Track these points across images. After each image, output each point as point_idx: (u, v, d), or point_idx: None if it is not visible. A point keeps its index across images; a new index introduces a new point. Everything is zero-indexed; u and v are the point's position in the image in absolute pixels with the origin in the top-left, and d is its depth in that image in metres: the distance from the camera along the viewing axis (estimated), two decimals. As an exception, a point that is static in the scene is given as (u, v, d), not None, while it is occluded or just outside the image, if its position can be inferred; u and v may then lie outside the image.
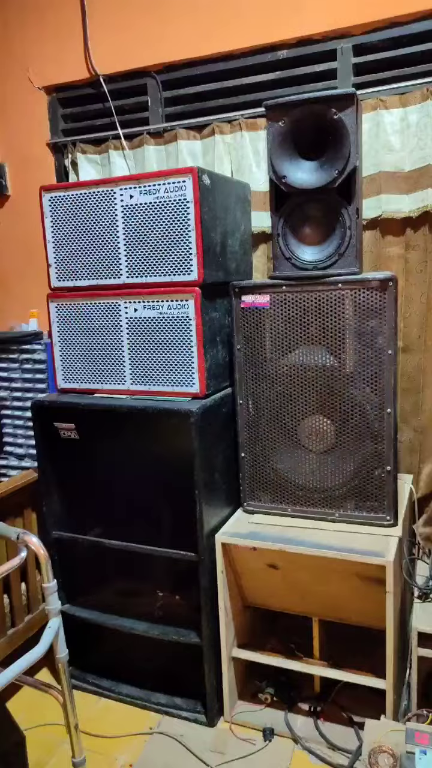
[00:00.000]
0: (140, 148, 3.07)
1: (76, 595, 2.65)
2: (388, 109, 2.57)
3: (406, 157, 2.57)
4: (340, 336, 2.16)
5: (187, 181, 2.15)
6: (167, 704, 2.51)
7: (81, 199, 2.35)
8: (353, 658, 2.30)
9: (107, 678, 2.65)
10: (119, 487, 2.46)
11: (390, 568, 2.01)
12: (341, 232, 2.12)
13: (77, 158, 3.24)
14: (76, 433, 2.47)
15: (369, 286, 2.09)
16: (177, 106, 3.06)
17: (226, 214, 2.37)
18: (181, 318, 2.24)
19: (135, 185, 2.24)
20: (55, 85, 3.28)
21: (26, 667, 1.74)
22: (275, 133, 2.12)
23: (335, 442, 2.24)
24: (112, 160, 3.14)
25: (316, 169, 2.10)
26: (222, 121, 2.89)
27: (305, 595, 2.30)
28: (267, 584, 2.37)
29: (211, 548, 2.29)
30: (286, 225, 2.18)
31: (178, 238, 2.19)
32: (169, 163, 3.03)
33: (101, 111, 3.20)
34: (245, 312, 2.28)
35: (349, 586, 2.18)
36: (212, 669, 2.37)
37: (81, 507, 2.56)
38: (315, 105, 2.05)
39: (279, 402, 2.29)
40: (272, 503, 2.39)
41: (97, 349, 2.43)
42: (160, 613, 2.52)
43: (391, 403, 2.14)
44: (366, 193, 2.60)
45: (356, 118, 2.04)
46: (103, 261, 2.36)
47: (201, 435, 2.19)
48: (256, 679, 2.52)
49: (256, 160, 2.83)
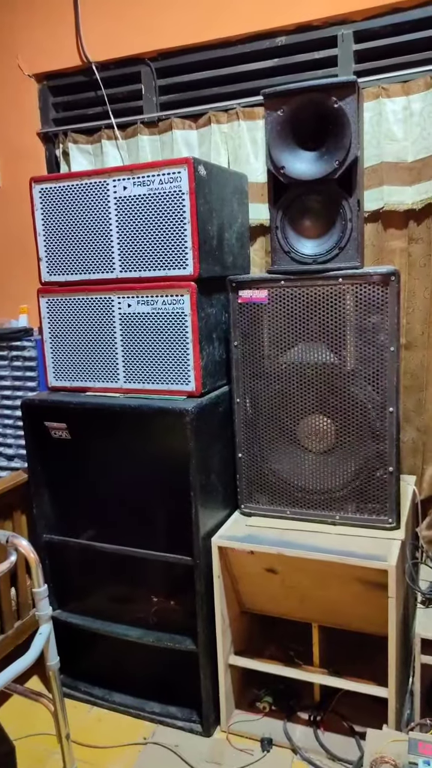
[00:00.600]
0: (134, 138, 3.06)
1: (67, 601, 2.65)
2: (391, 98, 2.56)
3: (409, 146, 2.57)
4: (340, 332, 2.15)
5: (182, 172, 2.14)
6: (162, 713, 2.51)
7: (73, 191, 2.34)
8: (354, 665, 2.30)
9: (100, 686, 2.65)
10: (112, 488, 2.46)
11: (392, 572, 2.00)
12: (342, 225, 2.12)
13: (69, 148, 3.23)
14: (67, 432, 2.46)
15: (370, 280, 2.08)
16: (172, 95, 3.06)
17: (223, 206, 2.37)
18: (176, 313, 2.24)
19: (128, 176, 2.23)
20: (46, 72, 3.28)
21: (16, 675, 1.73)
22: (273, 122, 2.11)
23: (335, 442, 2.24)
24: (104, 151, 3.13)
25: (316, 159, 2.10)
26: (218, 110, 2.89)
27: (304, 600, 2.30)
28: (265, 589, 2.37)
29: (207, 552, 2.28)
30: (285, 217, 2.18)
31: (173, 230, 2.19)
32: (164, 153, 3.02)
33: (94, 99, 3.20)
34: (242, 307, 2.28)
35: (349, 591, 2.18)
36: (208, 677, 2.37)
37: (73, 509, 2.55)
38: (314, 93, 2.04)
39: (277, 401, 2.29)
40: (270, 505, 2.38)
41: (89, 346, 2.42)
42: (155, 619, 2.52)
43: (393, 401, 2.14)
44: (367, 185, 2.60)
45: (357, 106, 2.03)
46: (95, 255, 2.35)
47: (197, 435, 2.19)
48: (254, 688, 2.52)
49: (253, 150, 2.83)
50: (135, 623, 2.52)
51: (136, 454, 2.39)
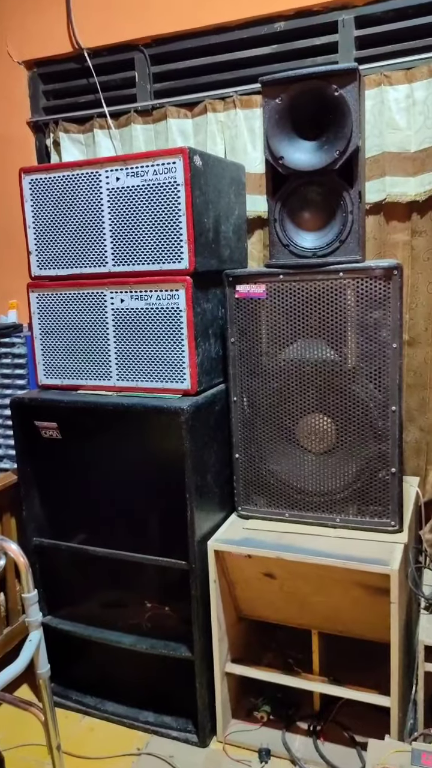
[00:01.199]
0: (127, 127, 3.06)
1: (58, 607, 2.65)
2: (393, 86, 2.56)
3: (412, 136, 2.57)
4: (341, 328, 2.15)
5: (177, 163, 2.14)
6: (156, 723, 2.50)
7: (64, 182, 2.34)
8: (355, 673, 2.30)
9: (92, 695, 2.64)
10: (105, 490, 2.45)
11: (395, 577, 2.00)
12: (342, 217, 2.12)
13: (60, 138, 3.22)
14: (58, 432, 2.46)
15: (372, 274, 2.08)
16: (166, 82, 3.05)
17: (220, 197, 2.36)
18: (171, 309, 2.23)
19: (121, 167, 2.23)
20: (36, 59, 3.26)
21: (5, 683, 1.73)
22: (272, 110, 2.11)
23: (336, 443, 2.23)
24: (97, 140, 3.12)
25: (316, 149, 2.10)
26: (215, 98, 2.88)
27: (304, 606, 2.30)
28: (263, 594, 2.36)
29: (203, 556, 2.28)
30: (284, 209, 2.18)
31: (168, 223, 2.19)
32: (158, 143, 3.02)
33: (85, 87, 3.19)
34: (240, 303, 2.28)
35: (350, 597, 2.18)
36: (204, 685, 2.37)
37: (64, 512, 2.55)
38: (314, 81, 2.04)
39: (276, 399, 2.29)
40: (268, 508, 2.38)
41: (81, 343, 2.42)
42: (149, 625, 2.51)
43: (395, 400, 2.13)
44: (369, 176, 2.59)
45: (358, 94, 2.03)
46: (87, 248, 2.35)
47: (192, 434, 2.18)
48: (252, 696, 2.52)
49: (251, 139, 2.82)
50: (128, 630, 2.52)
51: (129, 454, 2.39)
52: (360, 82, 2.05)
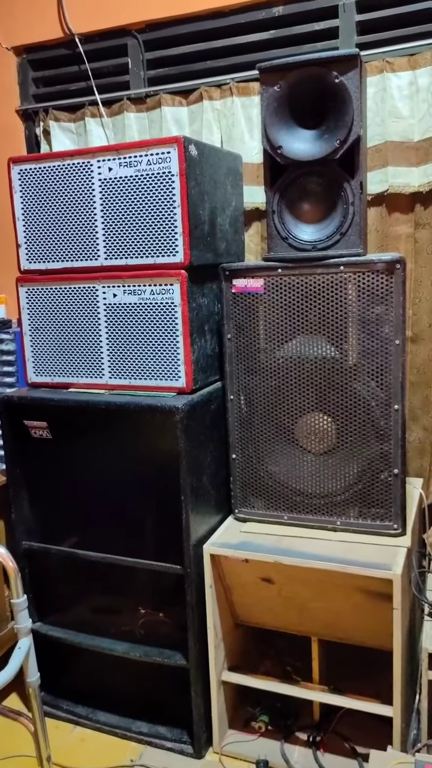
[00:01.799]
0: (120, 116, 3.06)
1: (48, 613, 2.64)
2: (396, 72, 2.56)
3: (415, 125, 2.57)
4: (342, 324, 2.15)
5: (171, 152, 2.14)
6: (150, 733, 2.50)
7: (54, 172, 2.33)
8: (356, 682, 2.30)
9: (83, 704, 2.64)
10: (97, 492, 2.45)
11: (397, 582, 2.00)
12: (343, 209, 2.11)
13: (50, 126, 3.22)
14: (48, 432, 2.46)
15: (374, 268, 2.08)
16: (161, 69, 3.05)
17: (216, 188, 2.36)
18: (166, 304, 2.23)
19: (114, 156, 2.22)
20: (26, 45, 3.26)
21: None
22: (270, 98, 2.10)
23: (336, 443, 2.23)
24: (88, 129, 3.13)
25: (316, 138, 2.09)
26: (211, 86, 2.88)
27: (303, 612, 2.30)
28: (261, 600, 2.36)
29: (198, 560, 2.28)
30: (282, 201, 2.17)
31: (162, 215, 2.18)
32: (152, 131, 3.02)
33: (77, 74, 3.19)
34: (237, 297, 2.27)
35: (351, 603, 2.18)
36: (200, 694, 2.36)
37: (54, 514, 2.55)
38: (314, 67, 2.03)
39: (274, 398, 2.28)
40: (266, 510, 2.38)
41: (71, 339, 2.42)
42: (142, 632, 2.51)
43: (398, 398, 2.13)
44: (371, 166, 2.59)
45: (360, 81, 2.02)
46: (78, 241, 2.34)
47: (187, 434, 2.18)
48: (249, 706, 2.51)
49: (248, 128, 2.82)
50: (121, 637, 2.51)
51: (122, 455, 2.38)
52: (361, 69, 2.04)
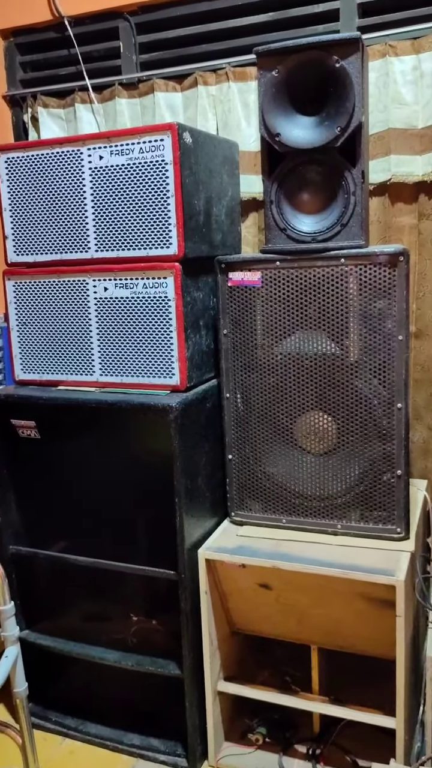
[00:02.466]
0: (111, 102, 3.05)
1: (36, 620, 2.64)
2: (399, 56, 2.56)
3: (419, 111, 2.57)
4: (342, 319, 2.15)
5: (165, 140, 2.14)
6: (142, 746, 2.50)
7: (43, 161, 2.33)
8: (358, 692, 2.30)
9: (73, 715, 2.64)
10: (87, 494, 2.45)
11: (401, 588, 2.00)
12: (344, 199, 2.11)
13: (38, 113, 3.22)
14: (36, 432, 2.45)
15: (376, 261, 2.08)
16: (154, 53, 3.04)
17: (211, 177, 2.36)
18: (159, 298, 2.23)
19: (105, 144, 2.22)
20: (13, 28, 3.25)
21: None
22: (268, 83, 2.10)
23: (337, 443, 2.23)
24: (78, 116, 3.12)
25: (316, 125, 2.09)
26: (206, 70, 2.88)
27: (302, 619, 2.30)
28: (258, 607, 2.36)
29: (193, 565, 2.28)
30: (281, 190, 2.17)
31: (155, 205, 2.18)
32: (145, 118, 3.01)
33: (66, 58, 3.18)
34: (233, 291, 2.27)
35: (353, 610, 2.18)
36: (195, 705, 2.36)
37: (43, 518, 2.54)
38: (314, 51, 2.03)
39: (272, 396, 2.28)
40: (264, 513, 2.38)
41: (61, 335, 2.42)
42: (134, 640, 2.51)
43: (401, 396, 2.13)
44: (373, 154, 2.59)
45: (362, 66, 2.02)
46: (68, 232, 2.34)
47: (181, 434, 2.18)
48: (246, 717, 2.51)
49: (245, 115, 2.82)
50: (112, 645, 2.51)
51: (113, 455, 2.38)
52: (363, 53, 2.04)
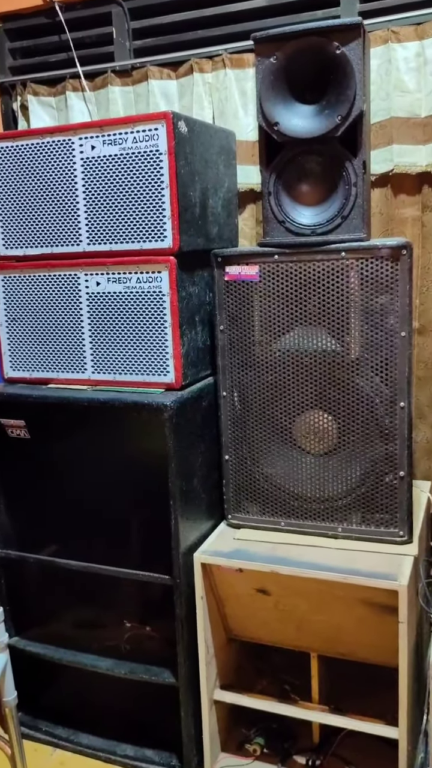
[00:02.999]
0: (104, 90, 3.05)
1: (26, 627, 2.64)
2: (402, 43, 2.55)
3: (422, 99, 2.56)
4: (343, 315, 2.14)
5: (159, 129, 2.13)
6: (136, 757, 2.50)
7: (32, 151, 2.32)
8: (359, 701, 2.30)
9: (64, 725, 2.64)
10: (79, 496, 2.45)
11: (403, 593, 2.00)
12: (345, 190, 2.11)
13: (28, 101, 3.21)
14: (26, 431, 2.45)
15: (378, 254, 2.08)
16: (148, 39, 3.03)
17: (207, 168, 2.36)
18: (153, 293, 2.23)
19: (97, 134, 2.22)
20: (2, 13, 3.23)
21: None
22: (266, 71, 2.10)
23: (338, 443, 2.23)
24: (69, 104, 3.12)
25: (315, 114, 2.09)
26: (202, 57, 2.87)
27: (302, 625, 2.30)
28: (256, 613, 2.36)
29: (188, 569, 2.27)
30: (279, 181, 2.17)
31: (149, 197, 2.18)
32: (139, 107, 3.01)
33: (57, 45, 3.17)
34: (230, 286, 2.27)
35: (354, 616, 2.18)
36: (190, 714, 2.36)
37: (33, 520, 2.55)
38: (313, 37, 2.03)
39: (270, 394, 2.28)
40: (262, 515, 2.38)
41: (51, 331, 2.41)
42: (128, 647, 2.51)
43: (404, 395, 2.13)
44: (374, 144, 2.59)
45: (363, 53, 2.02)
46: (59, 225, 2.34)
47: (177, 434, 2.18)
48: (243, 727, 2.52)
49: (242, 103, 2.82)
50: (105, 652, 2.51)
51: (106, 456, 2.38)
52: (364, 39, 2.03)
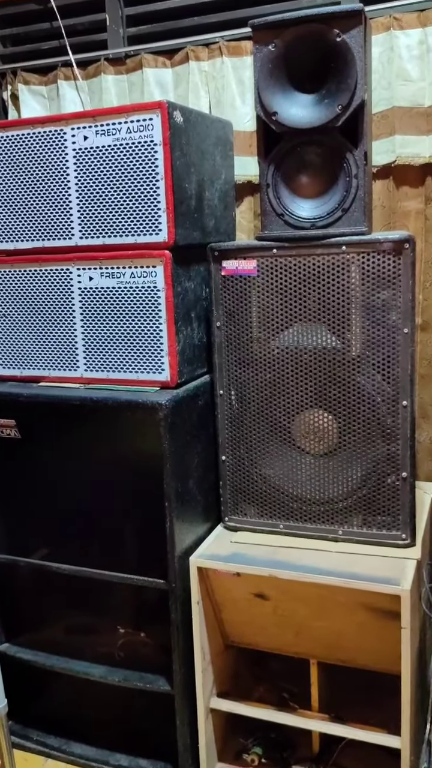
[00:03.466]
0: (97, 78, 3.05)
1: (17, 633, 2.64)
2: (404, 30, 2.55)
3: (426, 88, 2.57)
4: (344, 311, 2.14)
5: (154, 119, 2.13)
6: (130, 767, 2.50)
7: (23, 141, 2.32)
8: (360, 709, 2.30)
9: (56, 734, 2.64)
10: (71, 498, 2.45)
11: (406, 598, 2.00)
12: (346, 182, 2.11)
13: (19, 90, 3.21)
14: (16, 431, 2.45)
15: (380, 248, 2.07)
16: (142, 26, 3.04)
17: (203, 159, 2.35)
18: (147, 288, 2.22)
19: (90, 124, 2.22)
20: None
21: None
22: (264, 59, 2.09)
23: (338, 443, 2.23)
24: (61, 93, 3.12)
25: (315, 103, 2.08)
26: (198, 45, 2.87)
27: (301, 631, 2.30)
28: (254, 618, 2.36)
29: (184, 574, 2.27)
30: (278, 173, 2.17)
31: (144, 189, 2.17)
32: (133, 96, 3.01)
33: (49, 32, 3.17)
34: (227, 281, 2.27)
35: (354, 621, 2.18)
36: (186, 723, 2.36)
37: (24, 523, 2.55)
38: (313, 24, 2.02)
39: (269, 393, 2.28)
40: (260, 518, 2.38)
41: (42, 328, 2.41)
42: (122, 654, 2.51)
43: (407, 393, 2.13)
44: (376, 134, 2.59)
45: (364, 40, 2.01)
46: (50, 218, 2.34)
47: (172, 433, 2.17)
48: (241, 736, 2.51)
49: (240, 92, 2.82)
50: (98, 659, 2.51)
51: (99, 456, 2.38)
52: (366, 26, 2.03)
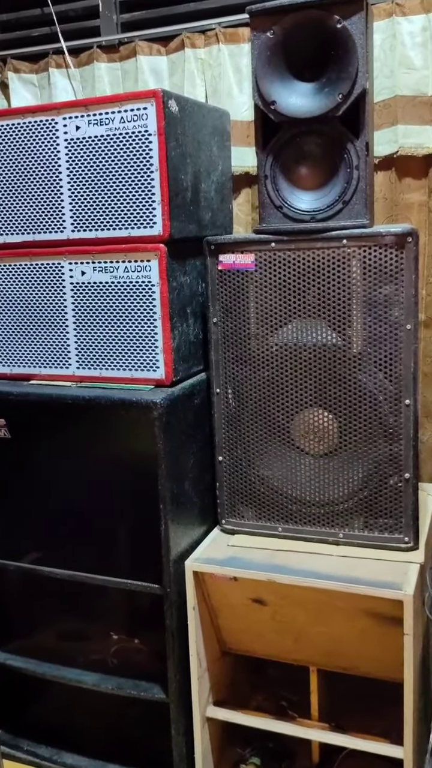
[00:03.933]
0: (89, 66, 3.06)
1: (7, 639, 2.64)
2: (407, 16, 2.56)
3: (429, 77, 2.57)
4: (344, 307, 2.14)
5: (148, 108, 2.13)
6: (124, 777, 2.51)
7: (13, 132, 2.32)
8: (361, 718, 2.30)
9: (47, 744, 2.64)
10: (63, 500, 2.44)
11: (409, 603, 1.99)
12: (346, 174, 2.11)
13: (8, 78, 3.22)
14: (7, 431, 2.45)
15: (382, 242, 2.07)
16: (136, 12, 3.05)
17: (199, 150, 2.35)
18: (142, 283, 2.22)
19: (82, 113, 2.21)
20: (-20, -16, 3.25)
21: None
22: (262, 46, 2.09)
23: (339, 443, 2.23)
24: (53, 81, 3.13)
25: (315, 92, 2.08)
26: (194, 32, 2.88)
27: (300, 638, 2.30)
28: (251, 624, 2.36)
29: (179, 578, 2.27)
30: (276, 164, 2.16)
31: (138, 180, 2.17)
32: (126, 84, 3.03)
33: (40, 18, 3.18)
34: (224, 276, 2.26)
35: (355, 627, 2.17)
36: (182, 732, 2.36)
37: (14, 526, 2.54)
38: (313, 10, 2.02)
39: (267, 391, 2.28)
40: (258, 520, 2.38)
41: (33, 324, 2.41)
42: (115, 661, 2.51)
43: (409, 392, 2.13)
44: (378, 124, 2.59)
45: (366, 27, 2.01)
46: (41, 210, 2.33)
47: (167, 433, 2.17)
48: (238, 746, 2.52)
49: (237, 80, 2.83)
50: (91, 666, 2.51)
51: (92, 457, 2.38)
52: (367, 12, 2.03)
